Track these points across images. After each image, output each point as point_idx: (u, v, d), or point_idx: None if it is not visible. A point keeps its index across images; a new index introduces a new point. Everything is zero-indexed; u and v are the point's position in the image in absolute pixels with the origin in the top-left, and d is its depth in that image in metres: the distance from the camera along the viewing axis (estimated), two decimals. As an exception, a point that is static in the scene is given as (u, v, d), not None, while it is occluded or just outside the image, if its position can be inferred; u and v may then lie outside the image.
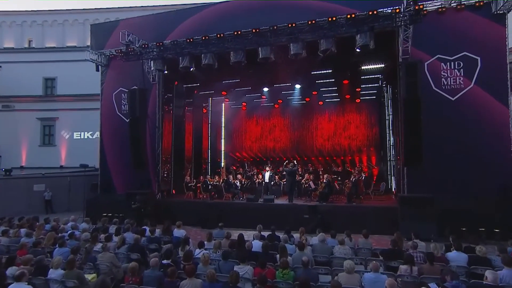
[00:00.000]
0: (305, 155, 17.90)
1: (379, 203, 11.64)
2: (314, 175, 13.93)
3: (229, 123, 19.09)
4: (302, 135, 18.11)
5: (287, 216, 10.54)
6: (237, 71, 13.05)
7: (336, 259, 6.13)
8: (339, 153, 17.53)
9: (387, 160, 15.42)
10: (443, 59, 9.92)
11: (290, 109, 18.05)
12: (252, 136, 19.04)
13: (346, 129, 17.54)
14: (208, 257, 5.56)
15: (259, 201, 11.70)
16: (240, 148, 19.16)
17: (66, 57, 19.50)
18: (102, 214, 11.92)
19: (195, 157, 16.38)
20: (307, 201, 12.03)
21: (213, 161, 18.01)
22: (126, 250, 6.55)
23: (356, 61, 12.04)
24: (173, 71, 13.04)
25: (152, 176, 12.97)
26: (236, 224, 10.46)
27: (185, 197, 13.01)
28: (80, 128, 19.50)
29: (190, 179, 14.16)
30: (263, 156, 18.59)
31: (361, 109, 17.33)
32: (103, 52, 13.83)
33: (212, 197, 12.79)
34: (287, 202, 11.71)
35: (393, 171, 14.36)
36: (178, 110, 14.80)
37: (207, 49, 11.24)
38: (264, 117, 18.86)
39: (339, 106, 17.56)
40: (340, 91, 15.21)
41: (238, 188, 12.95)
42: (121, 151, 13.16)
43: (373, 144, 16.99)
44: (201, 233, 10.43)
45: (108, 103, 14.06)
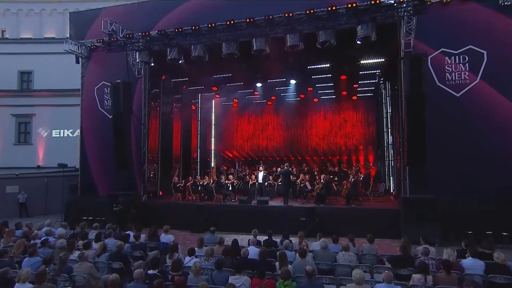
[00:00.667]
0: (299, 154, 17.73)
1: (379, 205, 11.41)
2: (310, 175, 13.70)
3: (219, 121, 18.77)
4: (296, 133, 18.01)
5: (283, 219, 10.30)
6: (229, 64, 12.68)
7: (341, 267, 5.77)
8: (335, 153, 17.41)
9: (384, 160, 15.29)
10: (448, 52, 9.70)
11: (284, 107, 17.83)
12: (243, 134, 18.82)
13: (342, 127, 17.42)
14: (200, 266, 5.12)
15: (253, 203, 11.40)
16: (231, 147, 18.92)
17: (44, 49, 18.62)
18: (82, 218, 11.50)
19: (183, 157, 15.97)
20: (303, 203, 11.78)
21: (203, 160, 17.67)
22: (107, 258, 6.05)
23: (355, 55, 11.78)
24: (160, 64, 12.56)
25: (137, 176, 12.48)
26: (228, 227, 10.19)
27: (173, 198, 12.61)
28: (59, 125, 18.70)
29: (178, 179, 13.79)
30: (255, 156, 18.38)
31: (358, 107, 17.21)
32: (83, 42, 13.16)
33: (202, 199, 12.44)
34: (282, 204, 11.43)
35: (392, 171, 14.23)
36: (165, 106, 14.35)
37: (197, 40, 10.76)
38: (256, 115, 18.64)
39: (335, 103, 17.41)
40: (337, 87, 14.99)
41: (230, 189, 12.60)
42: (103, 150, 12.64)
43: (370, 143, 16.89)
44: (190, 237, 10.06)
45: (89, 98, 13.44)
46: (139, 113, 12.56)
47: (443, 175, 9.41)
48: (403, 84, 9.71)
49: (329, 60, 12.02)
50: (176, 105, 15.70)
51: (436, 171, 9.38)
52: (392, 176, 14.14)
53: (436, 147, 9.19)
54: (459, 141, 9.39)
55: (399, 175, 11.76)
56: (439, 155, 9.31)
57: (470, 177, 9.20)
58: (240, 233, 10.17)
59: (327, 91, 16.01)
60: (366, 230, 8.90)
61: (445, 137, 9.51)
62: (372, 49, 11.14)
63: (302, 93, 16.06)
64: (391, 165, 14.34)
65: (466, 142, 9.35)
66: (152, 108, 13.42)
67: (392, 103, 13.74)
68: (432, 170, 9.31)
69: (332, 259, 5.97)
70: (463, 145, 9.35)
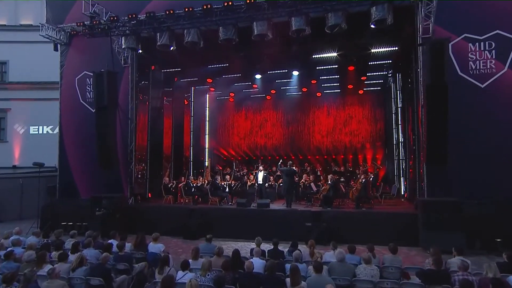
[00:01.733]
0: (300, 153, 17.25)
1: (392, 208, 10.87)
2: (314, 175, 13.27)
3: (214, 117, 18.31)
4: (297, 130, 17.55)
5: (286, 224, 9.81)
6: (226, 53, 12.14)
7: (361, 283, 5.14)
8: (339, 151, 16.97)
9: (393, 159, 14.86)
10: (471, 38, 9.12)
11: (284, 101, 17.39)
12: (240, 131, 18.36)
13: (347, 124, 16.97)
14: (197, 284, 4.42)
15: (252, 206, 10.93)
16: (226, 145, 18.44)
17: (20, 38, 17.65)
18: (60, 224, 10.86)
19: (175, 155, 15.45)
20: (308, 206, 11.29)
21: (196, 160, 17.16)
22: (85, 273, 5.32)
23: (365, 43, 11.18)
24: (149, 52, 11.89)
25: (124, 177, 11.82)
26: (225, 233, 9.88)
27: (164, 201, 12.03)
28: (38, 121, 17.74)
29: (169, 180, 13.22)
30: (252, 155, 17.96)
31: (364, 102, 16.75)
32: (62, 27, 12.34)
33: (195, 202, 11.89)
34: (284, 207, 10.90)
35: (402, 172, 13.77)
36: (155, 100, 13.77)
37: (191, 23, 10.07)
38: (254, 110, 18.16)
39: (339, 98, 16.99)
40: (343, 79, 14.42)
41: (227, 191, 12.03)
42: (85, 147, 11.94)
43: (377, 141, 16.45)
44: (183, 245, 9.53)
45: (69, 89, 12.67)
46: (126, 107, 11.90)
47: (465, 175, 8.87)
48: (422, 74, 9.18)
49: (337, 48, 11.41)
50: (167, 99, 15.17)
51: (457, 171, 8.85)
52: (403, 177, 13.73)
53: (457, 144, 8.64)
54: (484, 137, 8.84)
55: (413, 175, 11.28)
56: (460, 153, 8.77)
57: (497, 177, 8.65)
58: (239, 240, 9.75)
59: (332, 84, 15.45)
60: (379, 237, 8.68)
61: (467, 132, 8.96)
62: (385, 36, 10.59)
63: (304, 86, 15.49)
64: (401, 165, 13.85)
65: (491, 138, 8.80)
66: (141, 101, 12.81)
67: (403, 97, 13.23)
68: (452, 169, 8.77)
69: (351, 273, 5.35)
70: (488, 142, 8.80)
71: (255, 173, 12.78)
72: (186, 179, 12.66)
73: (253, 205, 10.95)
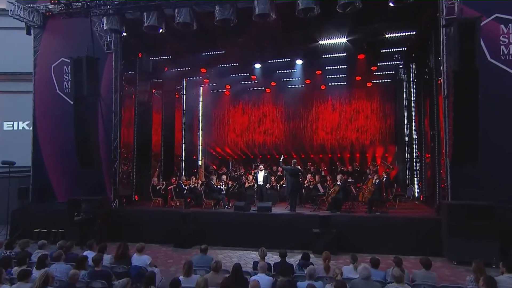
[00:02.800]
0: (302, 151, 16.60)
1: (410, 212, 10.14)
2: (319, 176, 12.56)
3: (208, 112, 17.60)
4: (299, 127, 16.83)
5: (290, 230, 9.26)
6: (222, 38, 11.35)
7: (394, 307, 4.32)
8: (345, 149, 16.32)
9: (404, 158, 14.27)
10: (503, 19, 8.46)
11: (286, 95, 16.71)
12: (237, 127, 17.62)
13: (354, 119, 16.32)
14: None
15: (252, 210, 10.26)
16: (222, 142, 17.71)
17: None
18: (34, 230, 10.03)
19: (165, 154, 14.75)
20: (314, 209, 10.58)
21: (189, 158, 16.45)
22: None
23: (379, 27, 10.45)
24: (135, 37, 11.18)
25: (107, 177, 11.03)
26: (221, 241, 9.38)
27: (152, 205, 11.38)
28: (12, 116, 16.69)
29: (159, 181, 12.50)
30: (250, 153, 17.29)
31: (373, 95, 16.09)
32: (35, 7, 11.38)
33: (187, 205, 11.25)
34: (288, 211, 10.26)
35: (416, 172, 13.22)
36: (143, 92, 12.99)
37: (182, 2, 9.22)
38: (252, 105, 17.42)
39: (345, 91, 16.30)
40: (351, 70, 13.73)
41: (223, 193, 11.31)
42: (63, 144, 11.10)
43: (387, 138, 15.80)
44: (173, 255, 8.83)
45: (44, 78, 11.78)
46: (109, 99, 11.03)
47: (496, 176, 8.17)
48: (446, 60, 8.48)
49: (347, 33, 10.65)
50: (156, 92, 14.43)
51: (487, 171, 8.13)
52: (416, 178, 13.17)
53: (486, 140, 7.91)
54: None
55: (431, 175, 10.60)
56: (491, 150, 8.06)
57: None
58: (237, 249, 9.13)
59: (338, 76, 14.79)
60: (396, 245, 8.18)
61: (498, 127, 8.31)
62: (401, 19, 9.89)
63: (308, 77, 14.77)
64: (415, 164, 13.26)
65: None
66: (126, 93, 11.99)
67: (418, 89, 12.60)
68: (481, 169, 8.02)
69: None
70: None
71: (255, 173, 12.11)
72: (177, 180, 11.94)
73: (253, 209, 10.33)
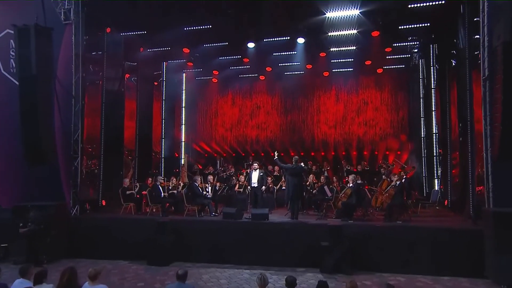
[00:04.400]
0: (302, 148, 16.10)
1: (437, 221, 8.95)
2: (324, 176, 11.50)
3: (193, 102, 16.89)
4: (298, 120, 16.26)
5: (293, 243, 8.25)
6: (208, 9, 10.07)
7: None
8: (351, 146, 15.72)
9: (421, 156, 13.47)
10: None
11: (283, 83, 16.06)
12: (226, 121, 17.00)
13: (361, 112, 15.84)
14: None
15: (244, 218, 9.29)
16: (208, 138, 17.19)
17: None
18: None
19: (140, 150, 13.59)
20: (320, 217, 9.48)
21: (170, 156, 15.43)
22: None
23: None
24: (101, 8, 9.87)
25: (64, 178, 9.67)
26: (207, 256, 8.47)
27: (122, 211, 10.22)
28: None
29: (132, 182, 11.48)
30: (241, 150, 16.75)
31: (383, 84, 15.53)
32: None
33: (166, 212, 10.12)
34: (289, 219, 9.22)
35: (436, 172, 12.25)
36: (112, 77, 11.81)
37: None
38: (244, 94, 16.79)
39: (352, 79, 15.67)
40: (362, 52, 12.51)
41: (209, 197, 10.25)
42: (9, 136, 9.79)
43: (401, 133, 15.17)
44: (145, 276, 7.71)
45: (-14, 55, 10.42)
46: (68, 81, 9.69)
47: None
48: (487, 32, 7.33)
49: (361, 3, 9.39)
50: (130, 77, 13.37)
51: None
52: (437, 179, 12.22)
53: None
54: None
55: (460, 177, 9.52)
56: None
57: None
58: (227, 266, 8.23)
59: (345, 60, 13.67)
60: (424, 262, 7.48)
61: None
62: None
63: (310, 61, 13.64)
64: (435, 163, 12.25)
65: None
66: (92, 76, 10.85)
67: (441, 74, 11.50)
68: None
69: None
70: None
71: (247, 173, 10.99)
72: (154, 181, 10.75)
73: (246, 217, 9.32)
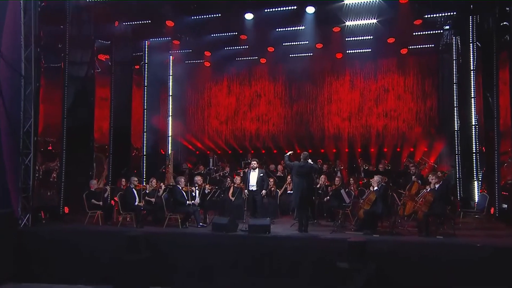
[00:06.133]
0: (310, 144, 15.34)
1: (490, 236, 7.90)
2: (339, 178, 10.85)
3: (181, 90, 16.19)
4: (305, 111, 15.79)
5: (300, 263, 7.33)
6: None
7: None
8: (369, 142, 15.24)
9: (454, 154, 12.71)
10: None
11: (287, 66, 15.41)
12: (221, 112, 16.64)
13: (381, 101, 15.06)
14: None
15: (239, 230, 8.43)
16: (200, 132, 16.63)
17: None
18: None
19: (116, 146, 12.64)
20: (335, 229, 8.51)
21: (154, 154, 14.59)
22: None
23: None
24: None
25: (11, 179, 8.77)
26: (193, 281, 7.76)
27: (87, 221, 9.34)
28: None
29: (98, 183, 10.63)
30: (239, 146, 16.21)
31: (408, 67, 14.93)
32: None
33: (141, 221, 9.16)
34: (296, 232, 8.44)
35: (476, 173, 11.35)
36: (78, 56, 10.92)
37: None
38: (242, 80, 16.30)
39: (370, 61, 14.93)
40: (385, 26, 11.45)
41: (197, 202, 9.47)
42: None
43: (428, 126, 14.59)
44: None
45: None
46: (16, 56, 8.75)
47: None
48: None
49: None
50: (103, 60, 12.46)
51: None
52: (477, 181, 11.33)
53: None
54: None
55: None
56: None
57: None
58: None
59: (363, 38, 12.54)
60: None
61: None
62: None
63: (321, 38, 12.56)
64: (476, 162, 11.32)
65: None
66: (49, 53, 9.97)
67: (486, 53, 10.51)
68: None
69: None
70: None
71: (245, 173, 10.18)
72: (127, 183, 9.81)
73: (242, 228, 8.41)
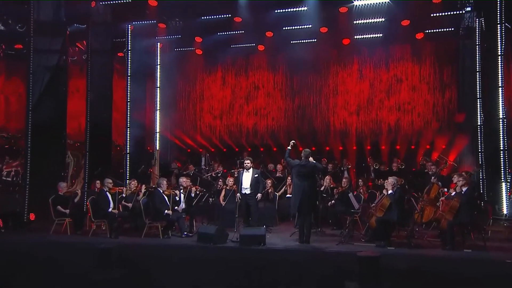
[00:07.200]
0: (314, 141, 14.99)
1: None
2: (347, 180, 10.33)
3: (170, 80, 15.57)
4: (308, 104, 15.46)
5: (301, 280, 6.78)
6: None
7: None
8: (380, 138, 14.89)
9: (478, 152, 12.10)
10: None
11: (288, 54, 15.00)
12: (215, 105, 16.41)
13: (393, 92, 14.64)
14: None
15: (229, 241, 7.99)
16: (192, 128, 16.40)
17: None
18: None
19: (94, 143, 12.13)
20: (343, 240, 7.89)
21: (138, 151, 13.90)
22: None
23: None
24: None
25: None
26: None
27: (53, 230, 8.84)
28: None
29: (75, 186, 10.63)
30: (235, 144, 15.95)
31: (424, 54, 14.44)
32: None
33: (116, 231, 8.62)
34: (296, 244, 7.89)
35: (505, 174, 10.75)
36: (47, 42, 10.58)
37: None
38: (238, 70, 16.06)
39: (381, 47, 14.39)
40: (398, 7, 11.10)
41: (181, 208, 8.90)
42: None
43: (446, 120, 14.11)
44: None
45: None
46: None
47: None
48: None
49: None
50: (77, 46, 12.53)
51: None
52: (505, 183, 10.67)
53: None
54: None
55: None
56: None
57: None
58: None
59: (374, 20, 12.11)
60: None
61: None
62: None
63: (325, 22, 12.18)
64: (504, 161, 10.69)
65: None
66: (10, 34, 10.46)
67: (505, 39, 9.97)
68: None
69: None
70: None
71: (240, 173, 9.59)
72: (102, 186, 9.25)
73: (232, 238, 7.91)
